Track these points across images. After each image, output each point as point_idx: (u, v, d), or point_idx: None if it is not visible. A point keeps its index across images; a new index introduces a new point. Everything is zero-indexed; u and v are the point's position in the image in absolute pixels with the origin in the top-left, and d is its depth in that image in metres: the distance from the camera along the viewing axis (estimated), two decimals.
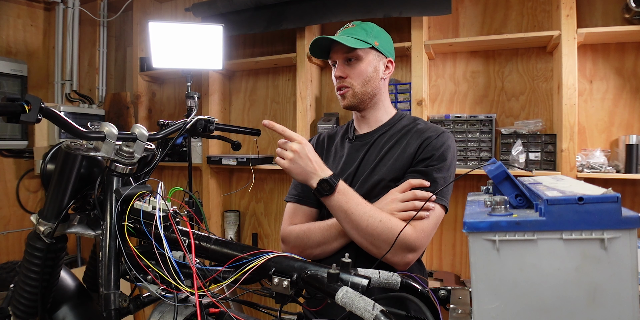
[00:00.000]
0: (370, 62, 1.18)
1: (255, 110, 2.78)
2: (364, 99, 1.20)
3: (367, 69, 1.18)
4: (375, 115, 1.24)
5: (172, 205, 0.83)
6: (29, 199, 2.91)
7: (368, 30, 1.19)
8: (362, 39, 1.16)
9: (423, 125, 1.19)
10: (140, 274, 0.79)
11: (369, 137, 1.23)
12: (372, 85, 1.19)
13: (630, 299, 0.44)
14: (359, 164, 1.18)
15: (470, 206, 0.58)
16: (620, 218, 0.43)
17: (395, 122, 1.23)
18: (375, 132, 1.23)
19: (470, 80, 2.21)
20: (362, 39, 1.16)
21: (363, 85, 1.18)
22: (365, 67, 1.17)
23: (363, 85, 1.18)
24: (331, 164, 1.24)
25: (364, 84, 1.18)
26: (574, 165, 1.80)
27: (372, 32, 1.19)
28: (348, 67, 1.18)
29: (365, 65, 1.17)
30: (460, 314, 0.58)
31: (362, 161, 1.19)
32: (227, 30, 2.35)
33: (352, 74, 1.18)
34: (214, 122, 1.20)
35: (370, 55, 1.19)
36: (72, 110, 2.71)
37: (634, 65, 1.93)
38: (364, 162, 1.18)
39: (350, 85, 1.18)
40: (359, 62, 1.17)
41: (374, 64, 1.19)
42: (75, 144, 0.85)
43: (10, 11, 2.89)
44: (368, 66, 1.18)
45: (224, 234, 2.71)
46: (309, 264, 0.71)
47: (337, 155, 1.27)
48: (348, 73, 1.18)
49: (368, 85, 1.18)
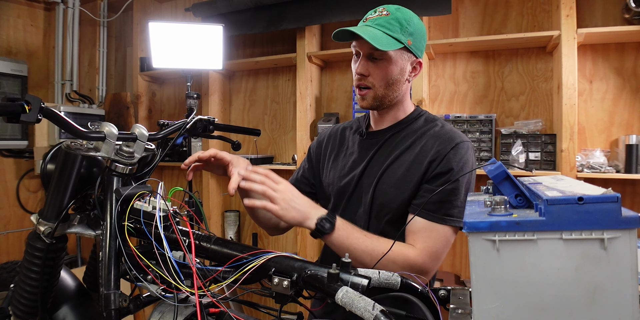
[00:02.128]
0: (398, 63, 1.03)
1: (255, 110, 2.78)
2: (384, 102, 1.07)
3: (394, 71, 1.03)
4: (392, 114, 1.12)
5: (172, 205, 0.83)
6: (29, 199, 2.91)
7: (404, 24, 1.00)
8: (395, 36, 0.99)
9: (439, 129, 1.06)
10: (140, 274, 0.79)
11: (380, 135, 1.12)
12: (395, 88, 1.06)
13: (630, 299, 0.44)
14: (365, 166, 1.10)
15: (470, 206, 0.58)
16: (620, 218, 0.43)
17: (412, 121, 1.11)
18: (388, 131, 1.12)
19: (470, 80, 2.21)
20: (395, 36, 0.99)
21: (386, 88, 1.05)
22: (391, 69, 1.03)
23: (386, 88, 1.05)
24: (342, 160, 1.18)
25: (387, 87, 1.04)
26: (574, 165, 1.80)
27: (408, 27, 1.01)
28: (372, 65, 1.03)
29: (392, 67, 1.03)
30: (460, 314, 0.58)
31: (370, 163, 1.09)
32: (227, 30, 2.35)
33: (375, 73, 1.03)
34: (214, 122, 1.20)
35: (399, 56, 1.03)
36: (72, 110, 2.71)
37: (634, 65, 1.93)
38: (371, 164, 1.09)
39: (371, 85, 1.05)
40: (385, 62, 1.02)
41: (402, 66, 1.04)
42: (75, 144, 0.85)
43: (11, 11, 2.89)
44: (395, 68, 1.03)
45: (224, 234, 2.71)
46: (309, 263, 0.71)
47: (348, 151, 1.18)
48: (371, 72, 1.03)
49: (391, 88, 1.05)
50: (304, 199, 0.94)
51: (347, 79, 2.47)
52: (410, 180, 1.01)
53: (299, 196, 0.93)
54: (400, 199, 1.02)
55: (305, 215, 0.92)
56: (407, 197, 1.02)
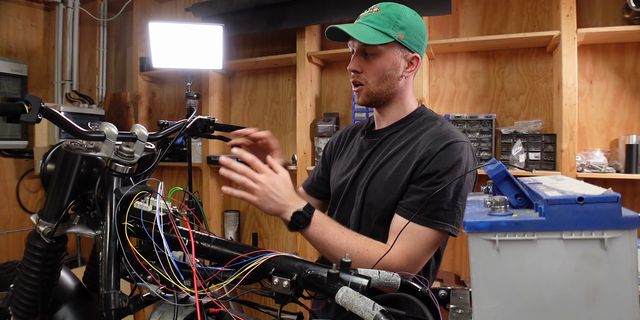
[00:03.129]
0: (390, 58, 1.03)
1: (255, 110, 2.78)
2: (379, 98, 1.07)
3: (385, 66, 1.03)
4: (391, 112, 1.11)
5: (172, 205, 0.83)
6: (29, 199, 2.91)
7: (394, 18, 1.01)
8: (384, 30, 1.00)
9: (436, 128, 1.04)
10: (140, 274, 0.79)
11: (378, 135, 1.12)
12: (387, 84, 1.05)
13: (630, 299, 0.44)
14: (362, 165, 1.10)
15: (470, 206, 0.58)
16: (620, 218, 0.43)
17: (411, 121, 1.10)
18: (387, 130, 1.11)
19: (470, 80, 2.21)
20: (383, 30, 1.00)
21: (378, 84, 1.04)
22: (382, 64, 1.02)
23: (378, 84, 1.04)
24: (344, 159, 1.19)
25: (379, 83, 1.04)
26: (574, 165, 1.80)
27: (399, 21, 1.01)
28: (364, 61, 1.04)
29: (383, 62, 1.02)
30: (460, 314, 0.58)
31: (365, 162, 1.10)
32: (227, 30, 2.35)
33: (367, 69, 1.04)
34: (214, 122, 1.20)
35: (391, 50, 1.02)
36: (72, 110, 2.72)
37: (634, 65, 1.93)
38: (366, 163, 1.10)
39: (364, 82, 1.05)
40: (376, 57, 1.02)
41: (394, 60, 1.03)
42: (75, 144, 0.85)
43: (10, 11, 2.89)
44: (386, 62, 1.02)
45: (224, 234, 2.71)
46: (309, 263, 0.71)
47: (352, 150, 1.18)
48: (363, 68, 1.04)
49: (383, 84, 1.05)
50: (286, 191, 0.93)
51: (347, 79, 2.47)
52: (399, 180, 1.00)
53: (280, 188, 0.92)
54: (388, 199, 1.01)
55: (283, 207, 0.92)
56: (395, 198, 1.00)
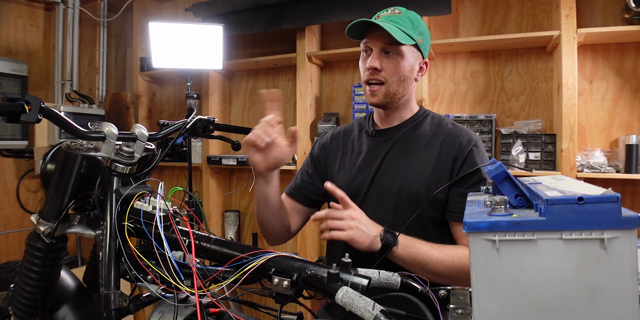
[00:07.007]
0: (409, 60, 1.05)
1: (255, 110, 2.78)
2: (394, 99, 1.08)
3: (405, 67, 1.05)
4: (398, 113, 1.13)
5: (172, 205, 0.83)
6: (29, 199, 2.91)
7: (415, 23, 1.05)
8: (409, 32, 1.03)
9: (452, 127, 1.09)
10: (140, 274, 0.79)
11: (391, 132, 1.12)
12: (405, 85, 1.07)
13: (630, 299, 0.44)
14: (380, 162, 1.09)
15: (470, 206, 0.58)
16: (620, 218, 0.43)
17: (421, 120, 1.12)
18: (399, 128, 1.12)
19: (470, 80, 2.21)
20: (408, 32, 1.03)
21: (398, 84, 1.05)
22: (403, 64, 1.04)
23: (398, 84, 1.05)
24: (348, 161, 1.16)
25: (399, 83, 1.05)
26: (574, 165, 1.80)
27: (418, 26, 1.06)
28: (385, 59, 1.04)
29: (403, 62, 1.04)
30: (460, 314, 0.58)
31: (385, 159, 1.09)
32: (227, 30, 2.35)
33: (388, 68, 1.04)
34: (214, 122, 1.20)
35: (410, 53, 1.06)
36: (72, 110, 2.71)
37: (634, 65, 1.93)
38: (386, 160, 1.09)
39: (384, 80, 1.05)
40: (398, 56, 1.04)
41: (412, 63, 1.06)
42: (75, 144, 0.85)
43: (11, 11, 2.89)
44: (406, 64, 1.05)
45: (224, 234, 2.71)
46: (309, 263, 0.71)
47: (354, 151, 1.17)
48: (384, 66, 1.04)
49: (402, 85, 1.06)
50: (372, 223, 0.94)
51: (347, 79, 2.47)
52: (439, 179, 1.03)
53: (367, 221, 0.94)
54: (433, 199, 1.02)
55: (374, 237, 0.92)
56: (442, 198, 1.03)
